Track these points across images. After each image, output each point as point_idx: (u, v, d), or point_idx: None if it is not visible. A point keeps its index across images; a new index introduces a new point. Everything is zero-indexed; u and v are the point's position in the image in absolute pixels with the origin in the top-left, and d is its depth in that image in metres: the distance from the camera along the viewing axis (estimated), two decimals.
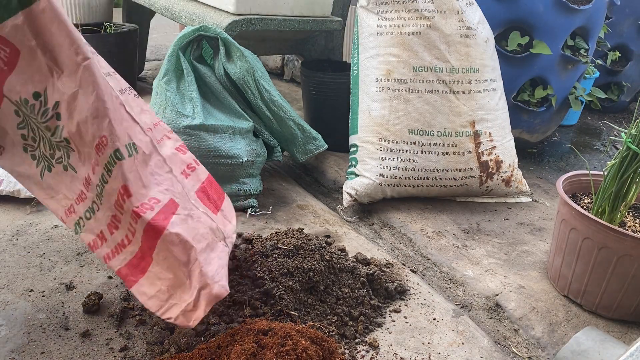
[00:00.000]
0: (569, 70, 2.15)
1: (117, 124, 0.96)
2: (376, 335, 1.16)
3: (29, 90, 0.94)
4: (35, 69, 0.92)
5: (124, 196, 0.95)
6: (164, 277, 0.98)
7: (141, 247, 0.98)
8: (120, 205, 0.96)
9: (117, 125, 0.96)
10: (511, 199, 1.88)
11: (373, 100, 1.74)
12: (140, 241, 0.98)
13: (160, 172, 1.04)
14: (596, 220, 1.21)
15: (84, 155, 0.98)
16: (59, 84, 0.94)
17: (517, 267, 1.47)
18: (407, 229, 1.66)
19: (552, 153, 2.47)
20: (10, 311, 1.15)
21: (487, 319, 1.33)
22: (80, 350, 1.06)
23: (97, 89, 0.94)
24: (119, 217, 0.98)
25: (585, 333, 1.06)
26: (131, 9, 2.93)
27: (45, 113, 0.96)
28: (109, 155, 0.94)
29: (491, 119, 1.75)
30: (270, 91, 1.77)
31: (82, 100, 0.93)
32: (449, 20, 1.70)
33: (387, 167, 1.70)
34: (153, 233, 0.96)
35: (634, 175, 1.23)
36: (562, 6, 1.97)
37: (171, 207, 1.01)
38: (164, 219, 0.98)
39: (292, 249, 1.23)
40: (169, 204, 1.01)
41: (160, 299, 0.98)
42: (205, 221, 1.08)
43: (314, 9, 2.20)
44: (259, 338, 0.96)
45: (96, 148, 0.94)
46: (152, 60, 3.79)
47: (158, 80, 1.67)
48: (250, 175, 1.72)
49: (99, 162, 0.95)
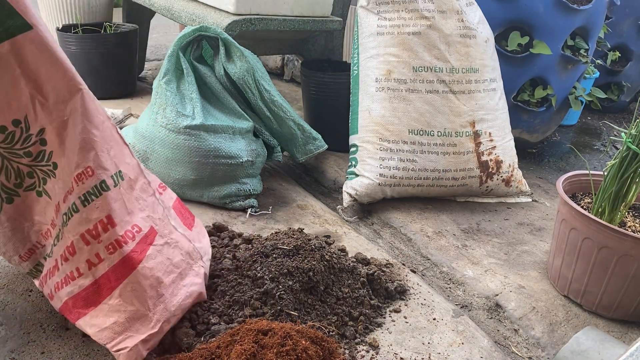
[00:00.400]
0: (569, 70, 2.15)
1: (104, 155, 0.96)
2: (376, 335, 1.16)
3: (6, 118, 0.92)
4: (14, 96, 0.91)
5: (107, 226, 0.96)
6: (125, 309, 0.99)
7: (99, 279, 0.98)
8: (96, 235, 0.96)
9: (104, 156, 0.97)
10: (511, 199, 1.88)
11: (373, 100, 1.74)
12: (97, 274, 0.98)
13: (144, 196, 1.05)
14: (596, 220, 1.21)
15: (61, 183, 0.98)
16: (44, 112, 0.93)
17: (517, 267, 1.47)
18: (407, 229, 1.66)
19: (552, 153, 2.47)
20: (10, 311, 1.15)
21: (487, 319, 1.33)
22: (80, 350, 1.06)
23: (86, 120, 0.94)
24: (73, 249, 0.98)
25: (585, 333, 1.06)
26: (131, 9, 2.92)
27: (28, 139, 0.95)
28: (90, 187, 0.95)
29: (491, 119, 1.75)
30: (270, 91, 1.77)
31: (71, 130, 0.94)
32: (449, 20, 1.70)
33: (387, 167, 1.70)
34: (127, 265, 0.98)
35: (634, 175, 1.23)
36: (562, 6, 1.97)
37: (149, 237, 1.03)
38: (140, 251, 1.00)
39: (292, 249, 1.23)
40: (148, 233, 1.02)
41: (115, 331, 0.99)
42: (182, 245, 1.11)
43: (314, 9, 2.20)
44: (259, 338, 0.96)
45: (76, 177, 0.95)
46: (152, 60, 3.79)
47: (158, 80, 1.67)
48: (250, 175, 1.72)
49: (73, 192, 0.95)
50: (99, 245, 0.96)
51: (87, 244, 0.96)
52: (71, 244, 0.97)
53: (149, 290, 1.01)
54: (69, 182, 0.96)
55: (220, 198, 1.67)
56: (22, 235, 1.06)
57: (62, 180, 0.97)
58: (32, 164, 0.98)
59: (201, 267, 1.16)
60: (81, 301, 1.01)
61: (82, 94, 0.94)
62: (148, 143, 1.65)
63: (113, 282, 0.98)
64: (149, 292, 1.01)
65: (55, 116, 0.94)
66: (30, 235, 1.06)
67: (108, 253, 0.97)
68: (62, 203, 0.98)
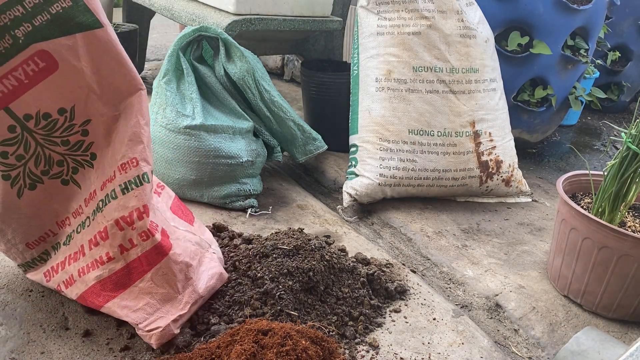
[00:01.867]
0: (569, 70, 2.15)
1: (149, 150, 1.03)
2: (376, 335, 1.16)
3: (53, 106, 0.96)
4: (70, 87, 0.95)
5: (142, 214, 1.01)
6: (156, 291, 1.06)
7: (130, 264, 1.03)
8: (130, 222, 1.00)
9: (149, 151, 1.03)
10: (511, 199, 1.88)
11: (373, 100, 1.74)
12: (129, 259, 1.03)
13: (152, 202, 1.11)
14: (596, 220, 1.21)
15: (100, 172, 1.02)
16: (95, 105, 0.98)
17: (517, 267, 1.47)
18: (407, 229, 1.66)
19: (552, 153, 2.47)
20: (10, 311, 1.15)
21: (487, 319, 1.33)
22: (80, 350, 1.06)
23: (140, 116, 1.00)
24: (106, 235, 1.02)
25: (585, 333, 1.06)
26: (131, 9, 2.93)
27: (70, 128, 1.00)
28: (133, 176, 1.00)
29: (491, 119, 1.75)
30: (270, 91, 1.77)
31: (122, 124, 1.00)
32: (449, 20, 1.70)
33: (387, 167, 1.70)
34: (160, 252, 1.04)
35: (634, 175, 1.23)
36: (562, 6, 1.97)
37: (165, 232, 1.08)
38: (167, 239, 1.07)
39: (292, 249, 1.23)
40: (164, 230, 1.07)
41: (147, 312, 1.05)
42: (190, 238, 1.17)
43: (314, 9, 2.20)
44: (259, 338, 0.96)
45: (120, 166, 1.00)
46: (152, 60, 3.79)
47: (158, 80, 1.67)
48: (250, 175, 1.72)
49: (114, 180, 1.01)
50: (133, 232, 1.01)
51: (121, 229, 1.01)
52: (104, 229, 1.01)
53: (179, 274, 1.07)
54: (111, 172, 1.00)
55: (220, 198, 1.67)
56: (38, 222, 1.09)
57: (102, 170, 1.02)
58: (66, 153, 1.02)
59: (213, 254, 1.21)
60: (110, 284, 1.05)
61: (141, 94, 1.01)
62: None
63: (145, 267, 1.04)
64: (178, 276, 1.07)
65: (106, 110, 0.99)
66: (45, 223, 1.09)
67: (141, 239, 1.02)
68: (98, 191, 1.02)
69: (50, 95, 0.94)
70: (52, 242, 1.13)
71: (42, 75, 0.92)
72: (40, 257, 1.15)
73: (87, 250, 1.05)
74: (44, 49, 0.90)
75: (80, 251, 1.07)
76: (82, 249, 1.06)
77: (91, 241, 1.04)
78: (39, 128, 0.97)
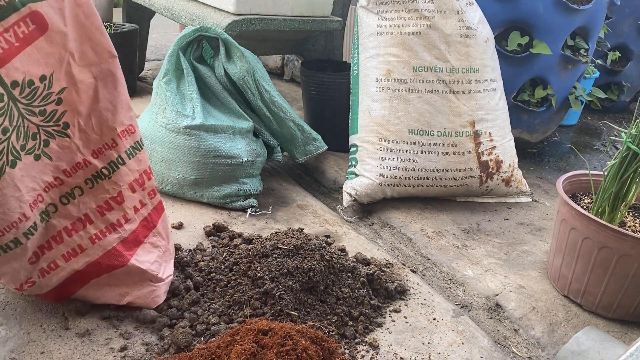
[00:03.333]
0: (569, 70, 2.15)
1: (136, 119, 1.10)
2: (376, 335, 1.16)
3: (37, 72, 0.94)
4: (51, 52, 0.95)
5: (150, 175, 1.13)
6: (160, 244, 1.18)
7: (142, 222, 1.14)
8: (141, 184, 1.11)
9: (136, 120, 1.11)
10: (511, 199, 1.88)
11: (373, 100, 1.74)
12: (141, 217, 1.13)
13: None
14: (596, 220, 1.21)
15: (84, 140, 1.03)
16: (74, 71, 0.98)
17: (517, 267, 1.47)
18: (407, 228, 1.66)
19: (552, 153, 2.47)
20: (10, 311, 1.15)
21: (487, 319, 1.33)
22: (80, 350, 1.06)
23: (120, 85, 1.04)
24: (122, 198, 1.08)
25: (585, 333, 1.06)
26: (131, 9, 2.92)
27: (47, 97, 0.97)
28: (134, 142, 1.08)
29: (491, 119, 1.75)
30: (270, 91, 1.77)
31: (103, 91, 1.02)
32: (449, 20, 1.70)
33: (387, 167, 1.70)
34: (160, 207, 1.19)
35: (634, 175, 1.23)
36: (562, 6, 1.97)
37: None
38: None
39: (292, 249, 1.23)
40: None
41: (159, 263, 1.17)
42: None
43: (314, 9, 2.20)
44: (259, 338, 0.96)
45: (120, 133, 1.06)
46: (152, 60, 3.79)
47: (158, 80, 1.67)
48: (250, 175, 1.72)
49: (117, 147, 1.06)
50: (143, 192, 1.12)
51: (133, 191, 1.10)
52: (119, 193, 1.08)
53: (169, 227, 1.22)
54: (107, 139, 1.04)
55: (220, 198, 1.67)
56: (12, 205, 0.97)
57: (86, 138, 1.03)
58: (41, 124, 0.98)
59: None
60: (130, 243, 1.12)
61: (115, 60, 1.04)
62: (148, 143, 1.65)
63: (154, 222, 1.16)
64: (169, 228, 1.22)
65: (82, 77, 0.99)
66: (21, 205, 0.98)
67: (149, 198, 1.14)
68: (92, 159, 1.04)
69: (36, 60, 0.92)
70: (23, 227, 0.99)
71: (31, 38, 0.90)
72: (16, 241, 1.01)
73: (95, 217, 1.07)
74: (38, 9, 0.90)
75: (84, 219, 1.06)
76: (88, 217, 1.06)
77: (102, 207, 1.07)
78: (22, 97, 0.93)
